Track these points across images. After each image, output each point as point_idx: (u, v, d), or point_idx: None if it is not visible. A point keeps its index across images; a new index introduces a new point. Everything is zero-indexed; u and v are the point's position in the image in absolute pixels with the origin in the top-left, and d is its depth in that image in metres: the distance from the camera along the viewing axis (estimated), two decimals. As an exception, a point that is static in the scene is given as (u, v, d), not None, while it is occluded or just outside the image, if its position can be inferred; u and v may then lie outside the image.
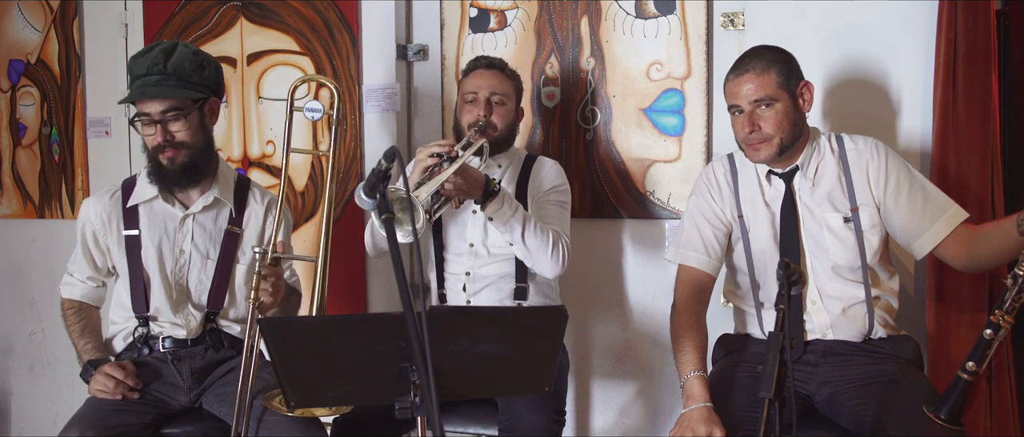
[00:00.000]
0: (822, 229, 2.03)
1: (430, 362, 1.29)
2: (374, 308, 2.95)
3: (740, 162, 2.16)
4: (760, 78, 1.99)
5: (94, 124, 3.42)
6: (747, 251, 2.11)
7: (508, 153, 2.44)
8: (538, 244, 2.20)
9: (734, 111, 2.05)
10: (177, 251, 2.23)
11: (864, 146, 2.05)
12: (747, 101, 2.00)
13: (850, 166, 2.04)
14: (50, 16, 3.51)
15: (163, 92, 2.11)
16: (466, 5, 2.86)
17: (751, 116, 2.00)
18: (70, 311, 2.30)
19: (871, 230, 2.02)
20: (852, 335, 2.03)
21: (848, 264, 2.02)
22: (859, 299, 2.03)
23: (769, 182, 2.10)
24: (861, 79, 2.40)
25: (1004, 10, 2.30)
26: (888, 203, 2.01)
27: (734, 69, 2.05)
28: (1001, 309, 1.72)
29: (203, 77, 2.17)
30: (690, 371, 2.01)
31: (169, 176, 2.17)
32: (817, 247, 2.04)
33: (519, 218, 2.18)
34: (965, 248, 1.97)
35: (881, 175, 2.02)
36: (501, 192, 2.16)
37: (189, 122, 2.15)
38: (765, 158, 2.03)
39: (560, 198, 2.39)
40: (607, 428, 2.81)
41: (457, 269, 2.39)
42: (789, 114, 2.00)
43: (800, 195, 2.06)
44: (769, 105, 1.99)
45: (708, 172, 2.20)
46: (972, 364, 1.73)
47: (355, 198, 1.58)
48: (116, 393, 2.09)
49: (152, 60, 2.11)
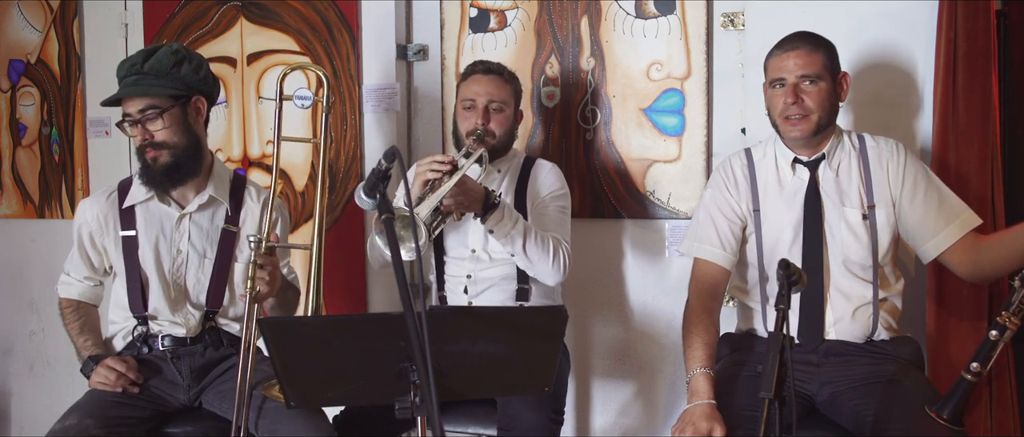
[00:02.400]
0: (840, 223, 2.04)
1: (430, 362, 1.29)
2: (374, 308, 2.95)
3: (759, 156, 2.17)
4: (809, 56, 2.03)
5: (94, 124, 3.42)
6: (759, 244, 2.12)
7: (506, 157, 2.43)
8: (539, 254, 2.20)
9: (776, 85, 2.06)
10: (174, 251, 2.23)
11: (885, 146, 2.08)
12: (793, 75, 2.02)
13: (870, 164, 2.06)
14: (50, 16, 3.51)
15: (140, 91, 2.12)
16: (466, 5, 2.86)
17: (795, 88, 2.02)
18: (68, 310, 2.31)
19: (885, 229, 2.03)
20: (855, 335, 2.03)
21: (860, 261, 2.03)
22: (866, 299, 2.03)
23: (793, 171, 2.10)
24: (861, 79, 2.40)
25: (1004, 10, 2.30)
26: (903, 202, 2.03)
27: (780, 46, 2.08)
28: (1008, 310, 1.72)
29: (181, 74, 2.16)
30: (697, 367, 2.01)
31: (154, 176, 2.18)
32: (833, 241, 2.05)
33: (520, 230, 2.18)
34: (971, 255, 1.97)
35: (899, 174, 2.04)
36: (501, 205, 2.16)
37: (168, 121, 2.14)
38: (802, 134, 2.03)
39: (560, 203, 2.38)
40: (607, 428, 2.81)
41: (458, 272, 2.38)
42: (830, 96, 2.04)
43: (823, 185, 2.07)
44: (813, 82, 2.02)
45: (725, 166, 2.21)
46: (977, 365, 1.73)
47: (355, 198, 1.58)
48: (117, 385, 2.10)
49: (132, 61, 2.14)
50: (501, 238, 2.19)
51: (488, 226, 2.17)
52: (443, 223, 2.21)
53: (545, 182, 2.39)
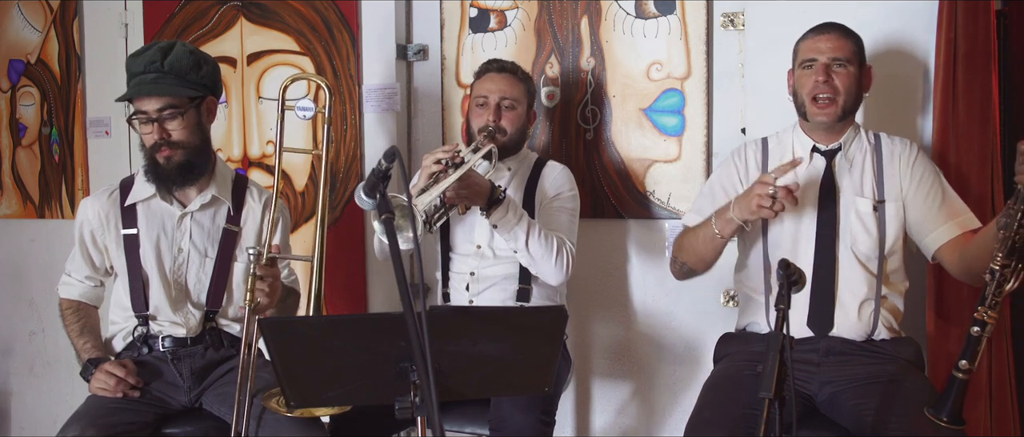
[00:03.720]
0: (851, 211, 2.06)
1: (430, 362, 1.29)
2: (374, 308, 2.95)
3: (775, 143, 2.20)
4: (842, 40, 2.08)
5: (94, 124, 3.42)
6: (764, 233, 2.12)
7: (518, 156, 2.44)
8: (542, 252, 2.21)
9: (805, 66, 2.10)
10: (175, 249, 2.23)
11: (900, 144, 2.12)
12: (826, 55, 2.07)
13: (883, 159, 2.10)
14: (50, 16, 3.51)
15: (160, 90, 2.11)
16: (466, 5, 2.86)
17: (826, 68, 2.06)
18: (68, 311, 2.30)
19: (893, 223, 2.06)
20: (857, 332, 2.03)
21: (867, 252, 2.05)
22: (870, 294, 2.04)
23: (811, 159, 2.12)
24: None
25: (1004, 10, 2.30)
26: (909, 195, 2.07)
27: (813, 30, 2.12)
28: (983, 305, 1.74)
29: (200, 75, 2.17)
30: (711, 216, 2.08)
31: (166, 175, 2.17)
32: (844, 229, 2.07)
33: (523, 226, 2.18)
34: (958, 253, 1.99)
35: (908, 169, 2.08)
36: (506, 200, 2.16)
37: (185, 121, 2.15)
38: (829, 117, 2.07)
39: (568, 205, 2.38)
40: (606, 428, 2.81)
41: (462, 269, 2.39)
42: (857, 82, 2.09)
43: (839, 175, 2.10)
44: (844, 66, 2.06)
45: (740, 150, 2.25)
46: (965, 362, 1.74)
47: (355, 198, 1.58)
48: (117, 391, 2.09)
49: (149, 58, 2.11)
50: (504, 233, 2.19)
51: (492, 220, 2.18)
52: (446, 215, 2.22)
53: (555, 183, 2.40)
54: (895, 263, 2.09)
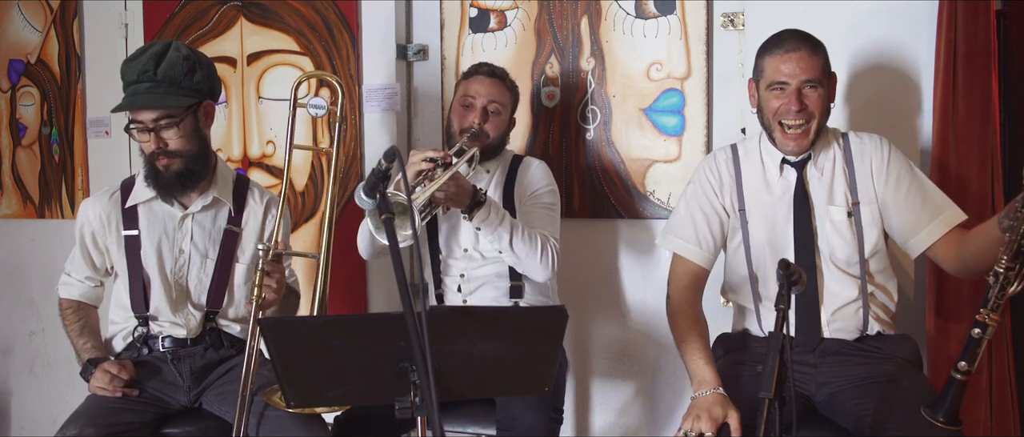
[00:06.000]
0: (825, 221, 2.03)
1: (430, 362, 1.29)
2: (374, 308, 2.95)
3: (744, 152, 2.14)
4: (812, 59, 1.98)
5: (94, 124, 3.42)
6: (746, 244, 2.10)
7: (497, 158, 2.45)
8: (526, 250, 2.22)
9: (776, 88, 2.00)
10: (176, 251, 2.23)
11: (869, 141, 2.06)
12: (797, 80, 1.97)
13: (854, 160, 2.05)
14: (50, 16, 3.51)
15: (154, 101, 2.09)
16: (466, 5, 2.86)
17: (798, 94, 1.97)
18: (68, 311, 2.30)
19: (871, 226, 2.02)
20: (848, 332, 2.02)
21: (846, 258, 2.02)
22: (853, 297, 2.02)
23: (781, 172, 2.08)
24: (861, 79, 2.40)
25: (1004, 10, 2.30)
26: (887, 198, 2.02)
27: (780, 46, 2.00)
28: (986, 307, 1.72)
29: (195, 81, 2.14)
30: (697, 357, 1.98)
31: (165, 182, 2.17)
32: (821, 240, 2.04)
33: (506, 226, 2.19)
34: (956, 251, 1.97)
35: (882, 170, 2.03)
36: (488, 201, 2.18)
37: (182, 129, 2.13)
38: (799, 147, 2.00)
39: (547, 200, 2.39)
40: (606, 428, 2.81)
41: (452, 272, 2.39)
42: (827, 101, 2.02)
43: (810, 185, 2.06)
44: (815, 87, 1.98)
45: (709, 161, 2.18)
46: (964, 364, 1.74)
47: (355, 198, 1.58)
48: (116, 390, 2.09)
49: (142, 66, 2.09)
50: (488, 234, 2.21)
51: (475, 222, 2.19)
52: (430, 214, 2.24)
53: (532, 179, 2.40)
54: (879, 263, 2.06)
